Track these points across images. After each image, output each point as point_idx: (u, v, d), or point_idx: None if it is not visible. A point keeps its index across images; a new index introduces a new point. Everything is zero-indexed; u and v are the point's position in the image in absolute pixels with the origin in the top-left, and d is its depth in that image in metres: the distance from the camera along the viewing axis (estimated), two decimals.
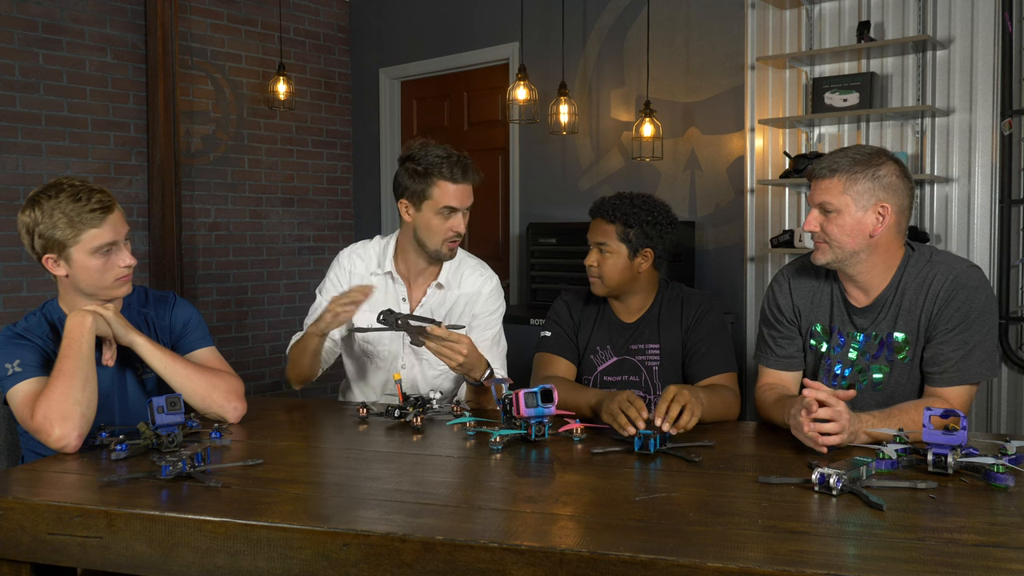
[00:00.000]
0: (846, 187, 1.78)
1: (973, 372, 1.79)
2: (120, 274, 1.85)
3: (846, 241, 1.80)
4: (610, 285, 2.20)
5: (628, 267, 2.19)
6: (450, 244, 2.26)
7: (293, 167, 5.33)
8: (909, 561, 1.12)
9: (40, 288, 4.17)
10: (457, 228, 2.24)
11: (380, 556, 1.24)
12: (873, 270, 1.84)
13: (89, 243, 1.79)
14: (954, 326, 1.78)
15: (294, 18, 5.30)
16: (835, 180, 1.79)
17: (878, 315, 1.86)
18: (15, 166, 4.14)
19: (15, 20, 4.12)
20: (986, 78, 3.27)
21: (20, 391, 1.76)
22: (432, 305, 2.34)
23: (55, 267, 1.83)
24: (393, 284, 2.35)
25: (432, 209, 2.21)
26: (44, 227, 1.79)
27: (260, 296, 5.17)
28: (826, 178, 1.80)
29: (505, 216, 5.01)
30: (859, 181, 1.77)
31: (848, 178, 1.78)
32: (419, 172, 2.20)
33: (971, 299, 1.78)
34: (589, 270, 2.22)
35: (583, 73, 4.54)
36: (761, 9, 3.76)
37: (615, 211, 2.18)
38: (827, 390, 1.63)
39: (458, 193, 2.21)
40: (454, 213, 2.23)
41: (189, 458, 1.52)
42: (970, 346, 1.78)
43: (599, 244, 2.19)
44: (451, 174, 2.19)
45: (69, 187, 1.81)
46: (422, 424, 1.94)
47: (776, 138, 3.78)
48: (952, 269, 1.81)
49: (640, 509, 1.34)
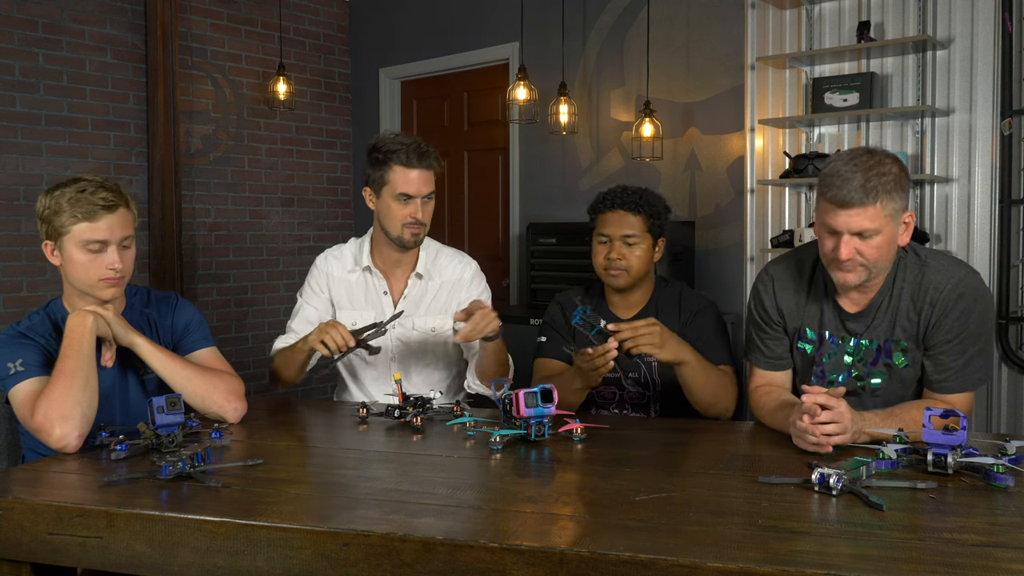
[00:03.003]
0: (885, 207, 1.67)
1: (974, 378, 1.79)
2: (105, 275, 1.83)
3: (883, 260, 1.73)
4: (636, 276, 2.21)
5: (651, 258, 2.23)
6: (411, 230, 2.28)
7: (293, 167, 5.33)
8: (909, 561, 1.12)
9: (40, 288, 4.17)
10: (415, 215, 2.27)
11: (380, 556, 1.24)
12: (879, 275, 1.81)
13: (79, 235, 1.80)
14: (954, 336, 1.77)
15: (294, 18, 5.30)
16: (877, 206, 1.66)
17: (872, 320, 1.83)
18: (15, 166, 4.14)
19: (15, 20, 4.12)
20: (986, 78, 3.26)
21: (22, 390, 1.76)
22: (415, 296, 2.36)
23: (51, 256, 1.85)
24: (372, 278, 2.37)
25: (390, 195, 2.26)
26: (48, 212, 1.82)
27: (260, 296, 5.18)
28: (868, 205, 1.66)
29: (505, 216, 5.01)
30: (896, 199, 1.67)
31: (886, 199, 1.66)
32: (379, 159, 2.27)
33: (972, 309, 1.76)
34: (612, 263, 2.19)
35: (583, 73, 4.54)
36: (761, 9, 3.76)
37: (639, 203, 2.20)
38: (824, 391, 1.63)
39: (415, 178, 2.25)
40: (411, 200, 2.25)
41: (189, 458, 1.52)
42: (970, 354, 1.78)
43: (625, 236, 2.19)
44: (407, 159, 2.23)
45: (84, 181, 1.83)
46: (422, 424, 1.94)
47: (776, 138, 3.78)
48: (951, 276, 1.77)
49: (640, 509, 1.34)
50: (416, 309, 2.36)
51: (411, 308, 2.36)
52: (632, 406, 2.26)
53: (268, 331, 5.11)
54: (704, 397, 2.04)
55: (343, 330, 2.04)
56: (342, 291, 2.39)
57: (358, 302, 2.37)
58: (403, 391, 2.04)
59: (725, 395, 2.06)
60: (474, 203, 5.25)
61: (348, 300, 2.38)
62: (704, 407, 2.07)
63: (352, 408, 2.17)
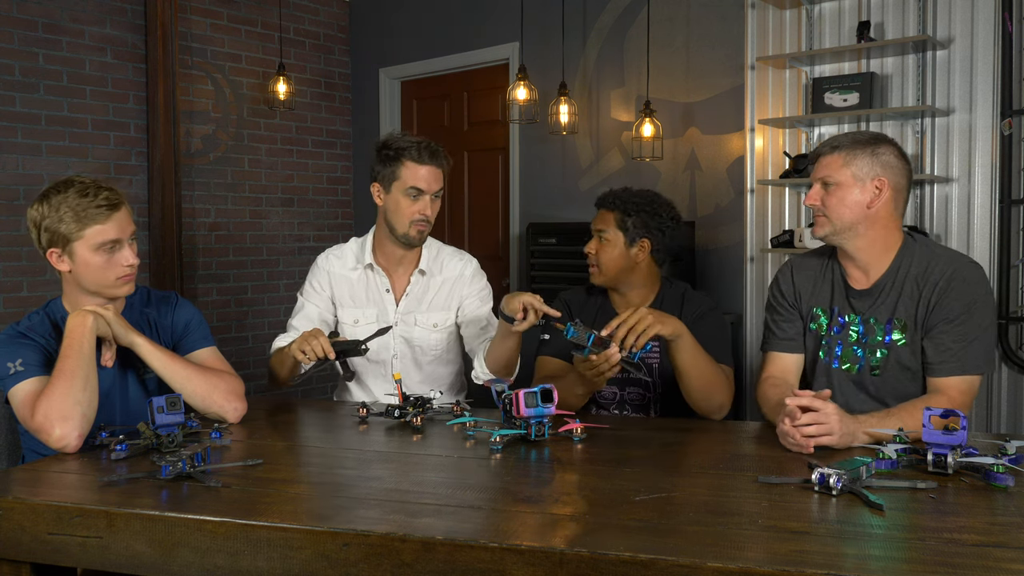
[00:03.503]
0: (846, 161, 1.86)
1: (973, 364, 1.82)
2: (122, 272, 1.86)
3: (844, 212, 1.86)
4: (607, 274, 2.23)
5: (625, 256, 2.22)
6: (418, 227, 2.30)
7: (293, 167, 5.33)
8: (909, 561, 1.12)
9: (40, 288, 4.17)
10: (424, 211, 2.28)
11: (380, 556, 1.24)
12: (872, 248, 1.89)
13: (93, 239, 1.80)
14: (955, 316, 1.81)
15: (294, 18, 5.30)
16: (836, 156, 1.88)
17: (877, 299, 1.90)
18: (15, 166, 4.14)
19: (15, 20, 4.12)
20: (986, 78, 3.26)
21: (22, 390, 1.76)
22: (417, 293, 2.37)
23: (59, 262, 1.84)
24: (375, 276, 2.38)
25: (400, 190, 2.28)
26: (50, 221, 1.80)
27: (260, 296, 5.18)
28: (828, 154, 1.89)
29: (505, 216, 5.01)
30: (859, 157, 1.86)
31: (848, 153, 1.86)
32: (390, 156, 2.29)
33: (970, 291, 1.82)
34: (588, 258, 2.27)
35: (583, 73, 4.54)
36: (761, 9, 3.76)
37: (615, 200, 2.25)
38: (811, 394, 1.65)
39: (425, 175, 2.27)
40: (421, 195, 2.28)
41: (189, 458, 1.52)
42: (971, 338, 1.81)
43: (599, 232, 2.25)
44: (419, 156, 2.26)
45: (79, 184, 1.82)
46: (422, 424, 1.94)
47: (776, 138, 3.78)
48: (953, 262, 1.86)
49: (640, 509, 1.34)
50: (418, 306, 2.37)
51: (413, 305, 2.37)
52: (632, 407, 2.26)
53: (268, 331, 5.11)
54: (700, 384, 2.00)
55: (324, 341, 2.04)
56: (344, 289, 2.39)
57: (360, 300, 2.38)
58: (403, 391, 2.04)
59: (721, 388, 2.04)
60: (474, 203, 5.25)
61: (350, 298, 2.39)
62: (701, 397, 2.02)
63: (352, 408, 2.16)
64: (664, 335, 1.93)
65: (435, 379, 2.40)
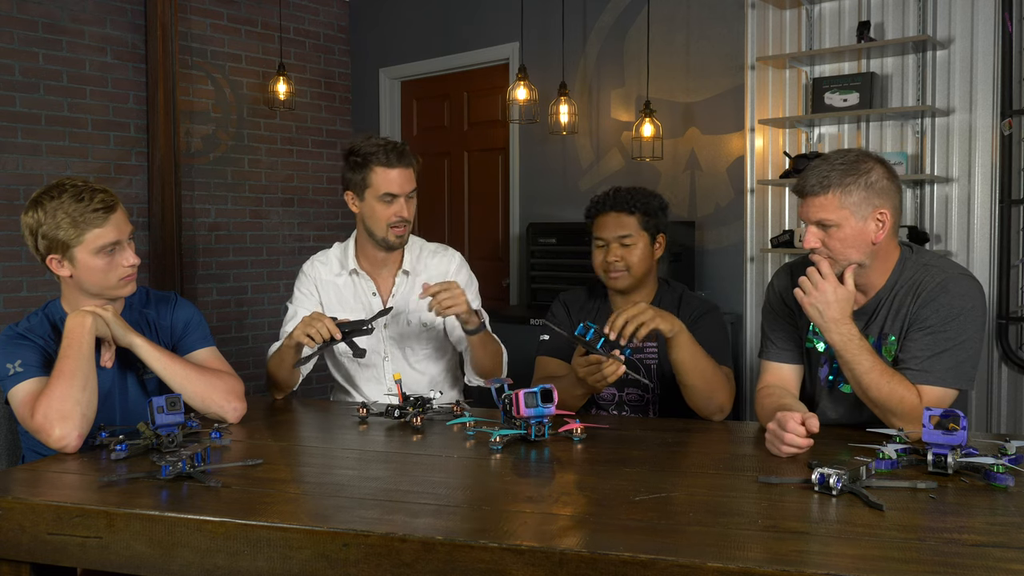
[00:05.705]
0: (842, 202, 1.73)
1: (938, 376, 1.74)
2: (124, 273, 1.86)
3: (850, 253, 1.76)
4: (637, 276, 2.22)
5: (650, 255, 2.24)
6: (395, 230, 2.29)
7: (293, 167, 5.33)
8: (909, 561, 1.12)
9: (40, 288, 4.16)
10: (400, 213, 2.28)
11: (380, 556, 1.24)
12: (873, 273, 1.83)
13: (93, 243, 1.80)
14: (928, 326, 1.76)
15: (294, 18, 5.30)
16: (829, 196, 1.74)
17: (871, 318, 1.85)
18: (15, 166, 4.14)
19: (15, 20, 4.12)
20: (986, 78, 3.27)
21: (21, 391, 1.76)
22: (403, 293, 2.37)
23: (59, 268, 1.83)
24: (360, 280, 2.38)
25: (373, 196, 2.27)
26: (47, 228, 1.79)
27: (260, 296, 5.18)
28: (819, 195, 1.75)
29: (505, 216, 5.01)
30: (852, 192, 1.73)
31: (841, 192, 1.73)
32: (358, 163, 2.27)
33: (953, 304, 1.75)
34: (612, 266, 2.20)
35: (583, 73, 4.54)
36: (761, 9, 3.76)
37: (632, 202, 2.22)
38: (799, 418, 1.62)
39: (396, 177, 2.26)
40: (395, 199, 2.27)
41: (189, 458, 1.52)
42: (940, 349, 1.74)
43: (621, 237, 2.20)
44: (387, 159, 2.25)
45: (71, 187, 1.81)
46: (422, 424, 1.94)
47: (776, 138, 3.78)
48: (943, 273, 1.79)
49: (640, 509, 1.34)
50: (406, 306, 2.37)
51: (401, 305, 2.37)
52: (631, 408, 2.26)
53: (268, 331, 5.11)
54: (700, 383, 1.99)
55: (328, 322, 2.04)
56: (331, 295, 2.39)
57: (348, 305, 2.37)
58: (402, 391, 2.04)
59: (721, 388, 2.03)
60: (474, 203, 5.24)
61: (338, 303, 2.38)
62: (701, 397, 2.02)
63: (352, 408, 2.16)
64: (662, 330, 1.93)
65: (429, 376, 2.40)
